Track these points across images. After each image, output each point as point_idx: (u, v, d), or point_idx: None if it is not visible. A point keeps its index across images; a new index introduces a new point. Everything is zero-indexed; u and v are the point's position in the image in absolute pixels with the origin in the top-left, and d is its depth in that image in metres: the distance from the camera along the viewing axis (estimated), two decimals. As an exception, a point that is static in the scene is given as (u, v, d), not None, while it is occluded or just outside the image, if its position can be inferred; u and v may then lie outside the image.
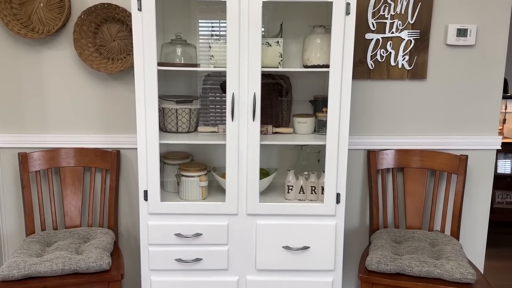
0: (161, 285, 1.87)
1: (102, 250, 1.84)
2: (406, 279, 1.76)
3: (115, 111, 2.17)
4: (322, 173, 1.92)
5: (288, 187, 1.94)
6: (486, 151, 2.21)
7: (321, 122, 1.96)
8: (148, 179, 1.81)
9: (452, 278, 1.71)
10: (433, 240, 2.02)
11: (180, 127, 1.95)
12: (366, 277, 1.79)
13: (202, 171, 1.93)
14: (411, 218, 2.15)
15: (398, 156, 2.17)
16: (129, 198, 2.25)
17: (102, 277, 1.75)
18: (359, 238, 2.30)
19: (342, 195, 1.85)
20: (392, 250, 1.90)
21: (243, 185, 1.83)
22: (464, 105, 2.18)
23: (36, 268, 1.70)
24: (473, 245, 2.29)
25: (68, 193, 2.12)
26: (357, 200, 2.27)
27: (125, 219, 2.26)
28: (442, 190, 2.22)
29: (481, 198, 2.25)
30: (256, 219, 1.87)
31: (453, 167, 2.10)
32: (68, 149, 2.13)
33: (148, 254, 1.86)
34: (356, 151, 2.22)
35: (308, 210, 1.86)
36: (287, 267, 1.88)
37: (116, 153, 2.14)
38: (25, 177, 2.06)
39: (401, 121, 2.20)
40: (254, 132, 1.78)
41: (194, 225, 1.86)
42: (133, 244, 2.29)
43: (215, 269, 1.88)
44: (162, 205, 1.84)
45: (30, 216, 2.06)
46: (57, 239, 1.98)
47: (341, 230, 1.87)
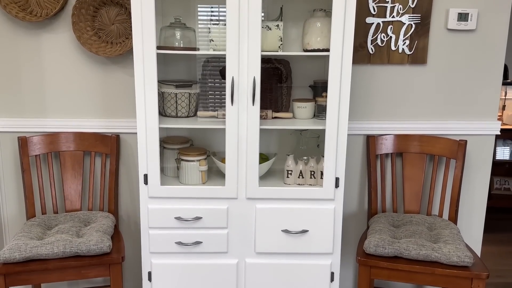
0: (162, 268, 1.89)
1: (102, 233, 1.86)
2: (403, 262, 1.78)
3: (115, 95, 2.16)
4: (322, 158, 1.92)
5: (288, 171, 1.95)
6: (485, 136, 2.21)
7: (320, 107, 1.96)
8: (148, 163, 1.82)
9: (449, 261, 1.73)
10: (431, 224, 2.03)
11: (179, 112, 1.95)
12: (364, 260, 1.81)
13: (201, 156, 1.93)
14: (410, 202, 2.16)
15: (397, 141, 2.17)
16: (129, 183, 2.26)
17: (103, 260, 1.77)
18: (358, 223, 2.32)
19: (341, 180, 1.86)
20: (390, 234, 1.92)
21: (242, 169, 1.84)
22: (464, 90, 2.18)
23: (38, 250, 1.72)
24: (471, 229, 2.31)
25: (68, 177, 2.13)
26: (356, 185, 2.29)
27: (125, 203, 2.28)
28: (440, 175, 2.23)
29: (480, 183, 2.27)
30: (255, 203, 1.88)
31: (452, 152, 2.11)
32: (67, 133, 2.13)
33: (148, 237, 1.87)
34: (355, 136, 2.22)
35: (307, 194, 1.87)
36: (286, 250, 1.90)
37: (116, 137, 2.14)
38: (25, 161, 2.06)
39: (400, 106, 2.20)
40: (254, 116, 1.78)
41: (194, 208, 1.87)
42: (133, 228, 2.30)
43: (215, 252, 1.90)
44: (162, 189, 1.85)
45: (31, 200, 2.07)
46: (58, 222, 2.00)
47: (340, 214, 1.89)
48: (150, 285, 1.91)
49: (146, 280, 1.91)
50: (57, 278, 1.76)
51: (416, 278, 1.77)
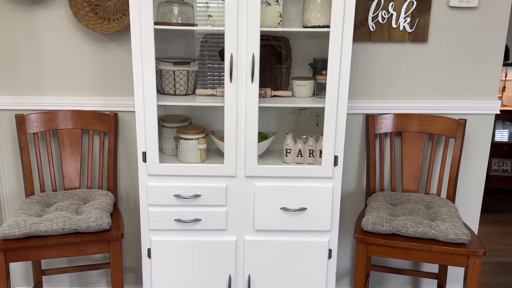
0: (161, 245, 1.90)
1: (101, 210, 1.86)
2: (401, 240, 1.79)
3: (112, 73, 2.14)
4: (321, 137, 1.92)
5: (286, 150, 1.95)
6: (485, 115, 2.21)
7: (320, 85, 1.95)
8: (147, 140, 1.81)
9: (447, 238, 1.74)
10: (429, 202, 2.04)
11: (178, 90, 1.93)
12: (362, 237, 1.82)
13: (200, 134, 1.92)
14: (408, 181, 2.17)
15: (396, 120, 2.16)
16: (128, 161, 2.26)
17: (102, 237, 1.78)
18: (356, 201, 2.33)
19: (339, 158, 1.86)
20: (388, 212, 1.92)
21: (241, 147, 1.84)
22: (465, 69, 2.16)
23: (37, 227, 1.72)
24: (468, 209, 2.32)
25: (66, 155, 2.13)
26: (355, 164, 2.29)
27: (124, 182, 2.28)
28: (439, 154, 2.23)
29: (478, 162, 2.27)
30: (254, 181, 1.88)
31: (451, 131, 2.10)
32: (65, 111, 2.12)
33: (147, 214, 1.88)
34: (354, 115, 2.21)
35: (305, 172, 1.87)
36: (285, 227, 1.91)
37: (114, 115, 2.13)
38: (23, 139, 2.05)
39: (400, 85, 2.18)
40: (253, 93, 1.77)
41: (193, 186, 1.87)
42: (133, 206, 2.31)
43: (214, 229, 1.91)
44: (161, 166, 1.85)
45: (29, 178, 2.07)
46: (57, 200, 2.00)
47: (338, 192, 1.89)
48: (149, 261, 1.92)
49: (145, 257, 1.92)
50: (56, 254, 1.77)
51: (413, 255, 1.79)
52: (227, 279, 1.94)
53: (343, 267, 2.41)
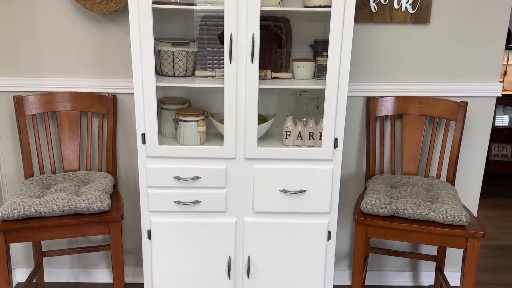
0: (161, 226, 1.91)
1: (101, 192, 1.86)
2: (400, 221, 1.79)
3: (111, 54, 2.12)
4: (321, 119, 1.91)
5: (286, 133, 1.94)
6: (486, 98, 2.19)
7: (321, 67, 1.93)
8: (146, 122, 1.80)
9: (446, 220, 1.75)
10: (429, 185, 2.04)
11: (177, 71, 1.92)
12: (361, 219, 1.83)
13: (200, 116, 1.91)
14: (408, 164, 2.16)
15: (397, 103, 2.15)
16: (127, 144, 2.25)
17: (102, 218, 1.78)
18: (355, 184, 2.33)
19: (340, 140, 1.85)
20: (388, 194, 1.93)
21: (241, 129, 1.83)
22: (467, 51, 2.14)
23: (36, 208, 1.72)
24: (468, 191, 2.32)
25: (65, 137, 2.12)
26: (354, 147, 2.28)
27: (123, 164, 2.27)
28: (439, 137, 2.22)
29: (479, 145, 2.26)
30: (254, 163, 1.88)
31: (452, 113, 2.09)
32: (63, 93, 2.10)
33: (147, 196, 1.88)
34: (355, 98, 2.20)
35: (305, 154, 1.87)
36: (284, 209, 1.91)
37: (113, 97, 2.12)
38: (22, 121, 2.04)
39: (401, 67, 2.16)
40: (253, 75, 1.75)
41: (193, 168, 1.87)
42: (132, 188, 2.31)
43: (214, 211, 1.91)
44: (160, 148, 1.84)
45: (29, 160, 2.06)
46: (56, 182, 2.00)
47: (338, 174, 1.89)
48: (149, 243, 1.93)
49: (145, 238, 1.93)
50: (56, 235, 1.77)
51: (412, 237, 1.79)
52: (227, 260, 1.95)
53: (342, 249, 2.42)
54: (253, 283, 1.98)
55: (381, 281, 2.46)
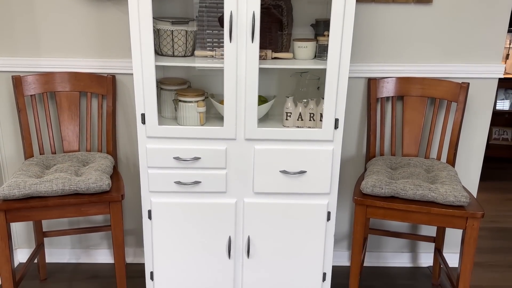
0: (161, 206, 1.91)
1: (101, 172, 1.86)
2: (400, 202, 1.79)
3: (109, 34, 2.10)
4: (321, 100, 1.90)
5: (287, 114, 1.93)
6: (488, 79, 2.18)
7: (322, 47, 1.91)
8: (145, 102, 1.79)
9: (446, 201, 1.75)
10: (429, 166, 2.04)
11: (176, 51, 1.90)
12: (361, 200, 1.83)
13: (199, 97, 1.90)
14: (408, 146, 2.16)
15: (398, 84, 2.13)
16: (127, 125, 2.24)
17: (103, 198, 1.78)
18: (355, 166, 2.33)
19: (340, 121, 1.84)
20: (388, 175, 1.93)
21: (241, 110, 1.82)
22: (469, 31, 2.11)
23: (36, 188, 1.73)
24: (468, 173, 2.32)
25: (65, 118, 2.11)
26: (355, 129, 2.27)
27: (123, 145, 2.27)
28: (440, 118, 2.21)
29: (480, 127, 2.26)
30: (254, 144, 1.87)
31: (453, 95, 2.08)
32: (62, 73, 2.09)
33: (147, 177, 1.88)
34: (356, 79, 2.18)
35: (306, 135, 1.86)
36: (284, 190, 1.91)
37: (112, 78, 2.10)
38: (21, 101, 2.03)
39: (403, 48, 2.14)
40: (253, 54, 1.74)
41: (193, 149, 1.86)
42: (133, 170, 2.31)
43: (214, 191, 1.91)
44: (160, 128, 1.83)
45: (28, 140, 2.06)
46: (56, 162, 2.00)
47: (338, 155, 1.88)
48: (150, 223, 1.93)
49: (146, 218, 1.93)
50: (57, 215, 1.78)
51: (412, 217, 1.80)
52: (227, 240, 1.96)
53: (341, 231, 2.44)
54: (253, 263, 2.00)
55: (380, 262, 2.48)
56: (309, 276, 2.01)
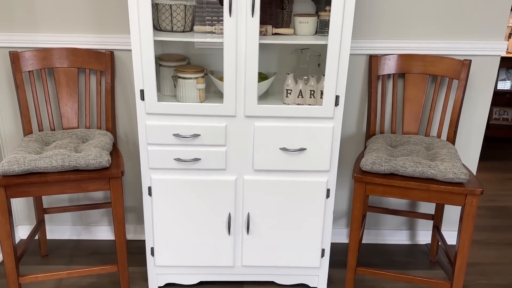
0: (161, 183, 1.91)
1: (101, 149, 1.86)
2: (399, 179, 1.80)
3: (107, 9, 2.06)
4: (322, 77, 1.88)
5: (287, 91, 1.91)
6: (490, 57, 2.16)
7: (323, 22, 1.88)
8: (144, 78, 1.77)
9: (445, 178, 1.75)
10: (429, 144, 2.04)
11: (175, 26, 1.87)
12: (360, 177, 1.83)
13: (199, 73, 1.88)
14: (408, 124, 2.15)
15: (400, 61, 2.11)
16: (126, 102, 2.23)
17: (102, 174, 1.78)
18: (355, 145, 2.33)
19: (341, 98, 1.83)
20: (387, 153, 1.92)
21: (241, 86, 1.80)
22: (472, 8, 2.08)
23: (36, 163, 1.72)
24: (468, 151, 2.32)
25: (63, 94, 2.09)
26: (355, 107, 2.26)
27: (122, 123, 2.26)
28: (442, 96, 2.20)
29: (481, 105, 2.24)
30: (254, 121, 1.86)
31: (455, 72, 2.06)
32: (60, 49, 2.06)
33: (147, 153, 1.88)
34: (357, 56, 2.16)
35: (306, 112, 1.85)
36: (284, 167, 1.91)
37: (110, 54, 2.08)
38: (18, 77, 2.01)
39: (405, 25, 2.11)
40: (253, 29, 1.71)
41: (192, 126, 1.85)
42: (132, 148, 2.31)
43: (214, 169, 1.91)
44: (159, 105, 1.82)
45: (27, 117, 2.05)
46: (55, 139, 1.99)
47: (338, 132, 1.88)
48: (150, 199, 1.94)
49: (146, 195, 1.94)
50: (57, 191, 1.78)
51: (411, 194, 1.81)
52: (227, 217, 1.97)
53: (340, 208, 2.45)
54: (252, 239, 2.01)
55: (378, 239, 2.50)
56: (308, 252, 2.03)
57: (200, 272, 2.09)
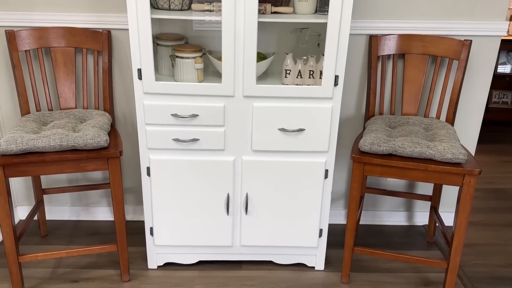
0: (160, 163, 1.91)
1: (99, 128, 1.85)
2: (397, 159, 1.80)
3: (104, -13, 2.04)
4: (321, 57, 1.86)
5: (286, 71, 1.90)
6: (491, 37, 2.14)
7: (323, 1, 1.85)
8: (142, 56, 1.76)
9: (443, 158, 1.75)
10: (428, 125, 2.04)
11: (172, 3, 1.84)
12: (358, 157, 1.83)
13: (197, 53, 1.86)
14: (408, 105, 2.14)
15: (400, 41, 2.09)
16: (124, 82, 2.21)
17: (101, 154, 1.78)
18: (354, 126, 2.32)
19: (340, 78, 1.82)
20: (386, 134, 1.92)
21: (239, 65, 1.79)
22: (475, -13, 2.06)
23: (34, 143, 1.72)
24: (466, 132, 2.32)
25: (61, 74, 2.08)
26: (355, 88, 2.25)
27: (120, 103, 2.25)
28: (441, 77, 2.19)
29: (480, 86, 2.24)
30: (252, 101, 1.85)
31: (455, 52, 2.05)
32: (57, 28, 2.04)
33: (145, 133, 1.87)
34: (357, 36, 2.14)
35: (305, 92, 1.84)
36: (282, 148, 1.91)
37: (107, 33, 2.05)
38: (15, 56, 1.99)
39: (406, 4, 2.09)
40: (252, 6, 1.69)
41: (190, 106, 1.84)
42: (130, 128, 2.30)
43: (212, 149, 1.91)
44: (157, 84, 1.81)
45: (24, 97, 2.03)
46: (53, 119, 1.98)
47: (337, 113, 1.87)
48: (149, 180, 1.94)
49: (145, 175, 1.94)
50: (55, 170, 1.78)
51: (409, 175, 1.81)
52: (225, 197, 1.98)
53: (338, 190, 2.46)
54: (251, 219, 2.02)
55: (375, 220, 2.52)
56: (306, 232, 2.05)
57: (199, 251, 2.10)
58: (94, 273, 2.07)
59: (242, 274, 2.09)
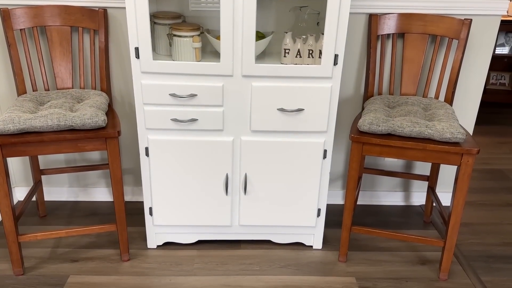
0: (158, 144, 1.91)
1: (96, 108, 1.84)
2: (396, 139, 1.80)
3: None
4: (321, 36, 1.84)
5: (285, 50, 1.88)
6: (491, 16, 2.12)
7: (322, -21, 1.83)
8: (139, 35, 1.73)
9: (442, 137, 1.76)
10: (427, 105, 2.03)
11: (170, -19, 1.81)
12: (357, 137, 1.83)
13: (195, 32, 1.84)
14: (407, 85, 2.14)
15: (400, 20, 2.08)
16: (121, 62, 2.19)
17: (99, 133, 1.77)
18: (353, 107, 2.32)
19: (340, 57, 1.81)
20: (385, 113, 1.92)
21: (238, 45, 1.77)
22: (476, -35, 2.03)
23: (31, 123, 1.71)
24: (465, 112, 2.32)
25: (57, 54, 2.05)
26: (354, 69, 2.24)
27: (117, 84, 2.23)
28: (441, 57, 2.18)
29: (479, 67, 2.23)
30: (251, 81, 1.84)
31: (455, 32, 2.03)
32: (52, 6, 2.00)
33: (143, 113, 1.86)
34: (357, 15, 2.12)
35: (304, 72, 1.83)
36: (281, 128, 1.91)
37: (103, 11, 2.02)
38: (10, 35, 1.96)
39: (406, -18, 2.06)
40: (251, -16, 1.66)
41: (189, 85, 1.83)
42: (128, 109, 2.29)
43: (211, 129, 1.90)
44: (154, 63, 1.79)
45: (20, 76, 2.01)
46: (50, 98, 1.96)
47: (336, 92, 1.86)
48: (147, 160, 1.94)
49: (143, 156, 1.94)
50: (53, 150, 1.77)
51: (407, 154, 1.81)
52: (224, 177, 1.98)
53: (336, 171, 2.47)
54: (249, 199, 2.03)
55: (373, 201, 2.54)
56: (304, 212, 2.06)
57: (198, 231, 2.12)
58: (94, 252, 2.08)
59: (240, 253, 2.11)
